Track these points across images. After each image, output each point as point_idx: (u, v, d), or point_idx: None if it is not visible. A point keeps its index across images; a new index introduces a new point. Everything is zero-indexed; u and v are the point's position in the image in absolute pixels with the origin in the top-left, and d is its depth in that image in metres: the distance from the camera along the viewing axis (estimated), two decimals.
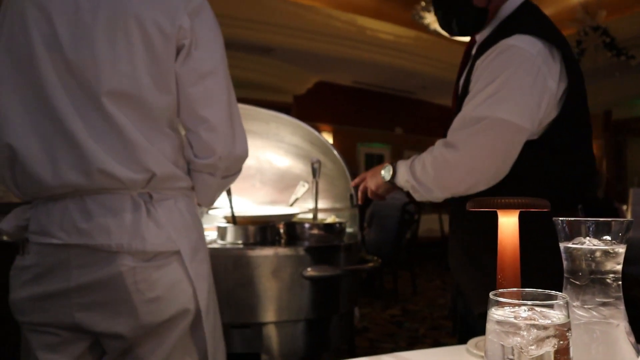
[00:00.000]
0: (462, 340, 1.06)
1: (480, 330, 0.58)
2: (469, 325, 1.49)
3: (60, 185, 1.07)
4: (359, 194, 1.64)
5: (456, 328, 1.61)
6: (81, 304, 1.09)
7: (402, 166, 1.46)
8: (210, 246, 1.60)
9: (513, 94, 1.26)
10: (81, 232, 1.07)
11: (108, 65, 1.07)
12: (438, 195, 1.38)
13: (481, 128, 1.27)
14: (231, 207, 1.84)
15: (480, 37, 1.45)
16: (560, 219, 0.65)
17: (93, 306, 1.09)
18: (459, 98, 1.45)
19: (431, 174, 1.35)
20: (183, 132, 1.23)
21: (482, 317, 0.56)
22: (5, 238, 1.86)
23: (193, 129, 1.18)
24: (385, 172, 1.50)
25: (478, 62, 1.34)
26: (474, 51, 1.46)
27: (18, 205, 1.20)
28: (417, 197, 1.42)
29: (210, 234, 1.90)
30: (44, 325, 1.12)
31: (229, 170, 1.25)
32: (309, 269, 1.74)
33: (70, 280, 1.08)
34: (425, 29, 7.63)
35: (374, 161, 10.69)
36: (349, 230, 2.13)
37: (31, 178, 1.09)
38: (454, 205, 1.51)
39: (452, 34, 1.48)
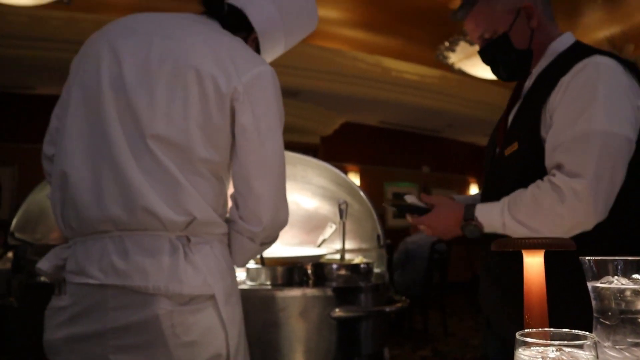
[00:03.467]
0: None
1: None
2: None
3: (103, 218, 1.10)
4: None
5: None
6: (116, 346, 1.08)
7: (492, 217, 1.31)
8: (239, 287, 1.61)
9: (619, 108, 1.22)
10: (118, 273, 1.08)
11: (162, 113, 1.11)
12: (568, 235, 1.22)
13: (598, 146, 1.18)
14: None
15: (537, 69, 1.42)
16: (587, 257, 0.65)
17: (128, 349, 1.08)
18: (508, 132, 1.40)
19: (553, 212, 1.22)
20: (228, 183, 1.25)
21: None
22: (42, 278, 1.91)
23: (242, 193, 1.19)
24: (471, 232, 1.35)
25: (565, 78, 1.27)
26: (528, 84, 1.42)
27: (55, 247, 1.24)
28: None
29: (239, 275, 1.92)
30: None
31: (268, 237, 1.26)
32: (336, 310, 1.73)
33: (106, 322, 1.08)
34: (450, 68, 7.70)
35: (401, 199, 10.59)
36: (376, 270, 2.11)
37: (77, 207, 1.12)
38: (486, 243, 1.47)
39: (504, 79, 1.48)
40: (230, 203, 1.25)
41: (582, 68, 1.26)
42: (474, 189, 11.80)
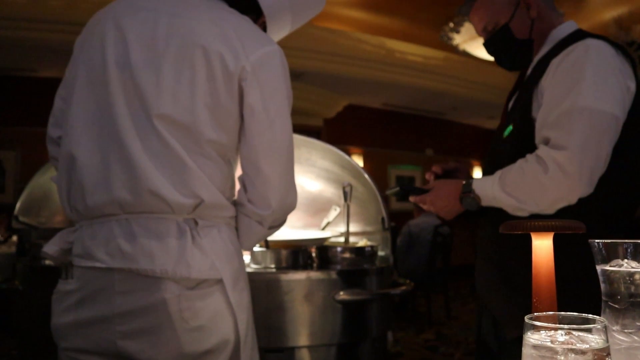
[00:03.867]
0: None
1: (509, 356, 0.57)
2: (491, 352, 1.46)
3: (109, 201, 1.08)
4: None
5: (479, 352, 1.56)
6: (123, 330, 1.07)
7: (486, 188, 1.35)
8: None
9: (606, 86, 1.25)
10: (125, 256, 1.07)
11: (169, 92, 1.09)
12: (553, 208, 1.27)
13: (584, 121, 1.21)
14: None
15: (537, 57, 1.46)
16: (597, 240, 0.64)
17: (135, 333, 1.07)
18: (509, 113, 1.45)
19: (537, 183, 1.24)
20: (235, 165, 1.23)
21: (515, 343, 0.55)
22: (47, 262, 1.92)
23: (250, 176, 1.18)
24: (469, 204, 1.38)
25: (555, 60, 1.32)
26: (529, 70, 1.47)
27: (60, 230, 1.23)
28: (522, 213, 1.32)
29: (244, 258, 1.92)
30: (85, 352, 1.12)
31: (276, 221, 1.24)
32: (341, 293, 1.73)
33: (113, 307, 1.07)
34: (454, 49, 7.64)
35: (405, 183, 10.62)
36: (380, 253, 2.12)
37: (83, 190, 1.11)
38: (485, 225, 1.48)
39: (508, 69, 1.54)
40: (238, 186, 1.23)
41: (572, 50, 1.30)
42: (477, 172, 11.78)
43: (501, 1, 1.46)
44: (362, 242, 2.06)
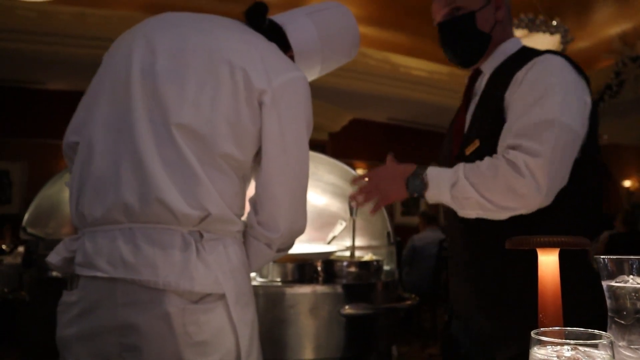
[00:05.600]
0: None
1: None
2: None
3: (116, 205, 1.07)
4: (373, 203, 1.46)
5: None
6: (126, 343, 1.06)
7: (443, 175, 1.32)
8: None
9: (570, 101, 1.27)
10: (127, 266, 1.05)
11: (190, 103, 1.10)
12: (507, 213, 1.26)
13: (552, 134, 1.22)
14: None
15: (488, 68, 1.47)
16: (602, 256, 0.65)
17: (138, 346, 1.05)
18: (468, 130, 1.44)
19: (506, 184, 1.23)
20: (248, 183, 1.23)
21: None
22: (54, 273, 1.93)
23: (261, 198, 1.18)
24: (415, 187, 1.36)
25: (519, 73, 1.33)
26: (480, 84, 1.48)
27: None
28: (470, 212, 1.30)
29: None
30: None
31: (284, 244, 1.24)
32: (346, 307, 1.73)
33: (116, 318, 1.06)
34: None
35: (410, 198, 10.58)
36: (386, 267, 2.12)
37: (93, 193, 1.10)
38: (464, 245, 1.46)
39: (456, 60, 1.53)
40: (248, 207, 1.23)
41: (535, 63, 1.32)
42: None
43: None
44: (367, 257, 2.07)
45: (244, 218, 1.23)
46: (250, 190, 1.23)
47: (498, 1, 1.47)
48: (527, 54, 1.39)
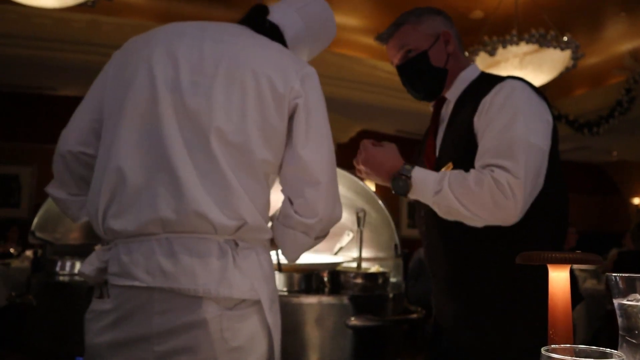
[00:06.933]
0: None
1: None
2: None
3: (153, 220, 1.07)
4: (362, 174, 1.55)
5: None
6: (162, 351, 1.06)
7: (428, 181, 1.37)
8: None
9: (536, 122, 1.35)
10: (166, 275, 1.05)
11: (222, 113, 1.11)
12: (484, 224, 1.33)
13: (526, 154, 1.29)
14: (277, 255, 1.86)
15: (452, 95, 1.56)
16: (614, 274, 0.64)
17: (174, 354, 1.06)
18: (439, 154, 1.51)
19: (491, 201, 1.28)
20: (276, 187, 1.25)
21: None
22: (61, 278, 1.93)
23: (299, 187, 1.19)
24: (399, 186, 1.40)
25: (486, 99, 1.39)
26: (447, 110, 1.56)
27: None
28: (449, 217, 1.36)
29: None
30: None
31: (322, 231, 1.25)
32: (352, 318, 1.73)
33: (152, 326, 1.06)
34: None
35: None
36: (392, 279, 2.11)
37: (126, 208, 1.10)
38: (446, 251, 1.48)
39: (419, 96, 1.63)
40: (278, 205, 1.25)
41: (501, 88, 1.40)
42: None
43: (423, 31, 1.56)
44: (374, 268, 2.06)
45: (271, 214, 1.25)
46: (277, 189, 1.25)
47: (446, 35, 1.55)
48: (489, 80, 1.47)
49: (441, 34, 1.56)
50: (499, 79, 1.46)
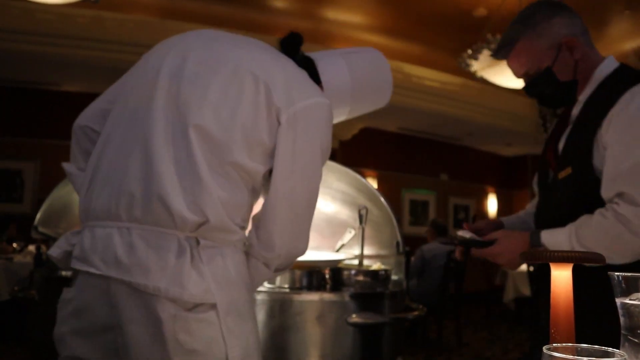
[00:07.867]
0: None
1: None
2: None
3: (119, 195, 1.08)
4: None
5: None
6: (118, 342, 1.06)
7: (560, 242, 1.33)
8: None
9: None
10: (120, 266, 1.04)
11: (211, 107, 1.11)
12: (626, 261, 1.27)
13: None
14: None
15: (583, 96, 1.44)
16: (617, 273, 0.64)
17: (129, 348, 1.04)
18: (560, 157, 1.44)
19: (623, 241, 1.25)
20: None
21: None
22: (64, 273, 1.94)
23: (264, 218, 1.18)
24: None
25: (613, 111, 1.30)
26: (576, 111, 1.45)
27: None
28: None
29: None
30: None
31: (281, 265, 1.24)
32: (353, 316, 1.73)
33: (109, 319, 1.06)
34: (472, 76, 7.66)
35: (419, 207, 10.58)
36: (394, 277, 2.11)
37: (102, 185, 1.11)
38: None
39: (552, 109, 1.55)
40: (249, 226, 1.22)
41: (630, 99, 1.28)
42: (492, 199, 11.70)
43: (542, 46, 1.41)
44: (375, 266, 2.06)
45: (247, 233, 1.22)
46: (257, 208, 1.22)
47: (570, 42, 1.40)
48: (620, 82, 1.35)
49: (563, 43, 1.40)
50: (628, 82, 1.33)
